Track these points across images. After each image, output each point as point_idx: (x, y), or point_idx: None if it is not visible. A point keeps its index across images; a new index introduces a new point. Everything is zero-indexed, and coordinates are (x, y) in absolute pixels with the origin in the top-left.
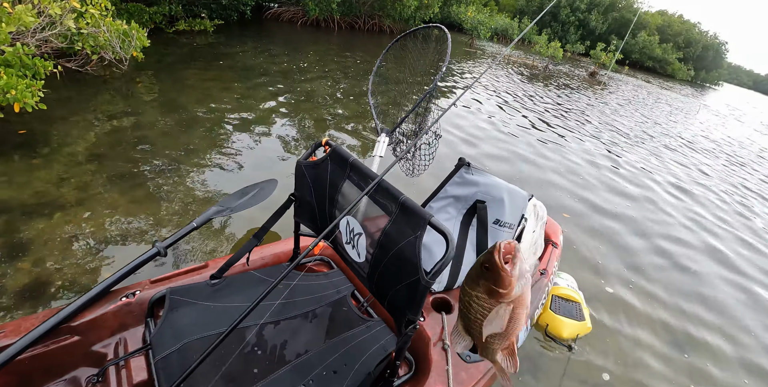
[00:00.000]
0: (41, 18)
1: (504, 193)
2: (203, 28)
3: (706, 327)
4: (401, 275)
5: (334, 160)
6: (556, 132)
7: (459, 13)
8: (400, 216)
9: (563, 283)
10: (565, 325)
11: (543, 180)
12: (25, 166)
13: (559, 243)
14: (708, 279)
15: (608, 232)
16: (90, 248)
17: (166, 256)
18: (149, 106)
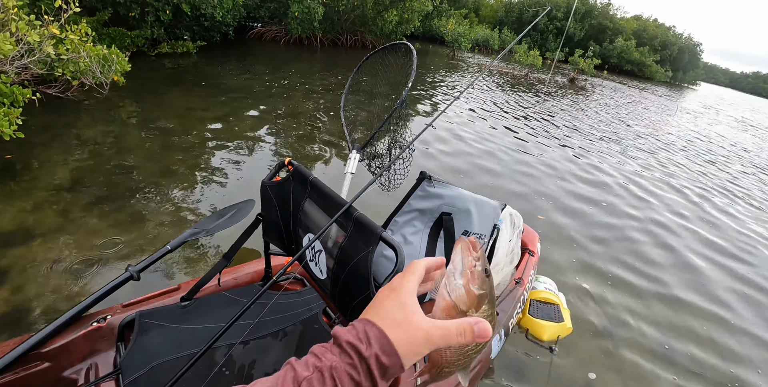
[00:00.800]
0: (20, 45)
1: (470, 204)
2: (186, 49)
3: (692, 314)
4: (358, 290)
5: (296, 179)
6: (534, 137)
7: (440, 26)
8: (354, 232)
9: (542, 286)
10: (545, 328)
11: (519, 186)
12: (4, 193)
13: (536, 251)
14: (673, 267)
15: (581, 226)
16: (70, 274)
17: (139, 280)
18: (130, 129)
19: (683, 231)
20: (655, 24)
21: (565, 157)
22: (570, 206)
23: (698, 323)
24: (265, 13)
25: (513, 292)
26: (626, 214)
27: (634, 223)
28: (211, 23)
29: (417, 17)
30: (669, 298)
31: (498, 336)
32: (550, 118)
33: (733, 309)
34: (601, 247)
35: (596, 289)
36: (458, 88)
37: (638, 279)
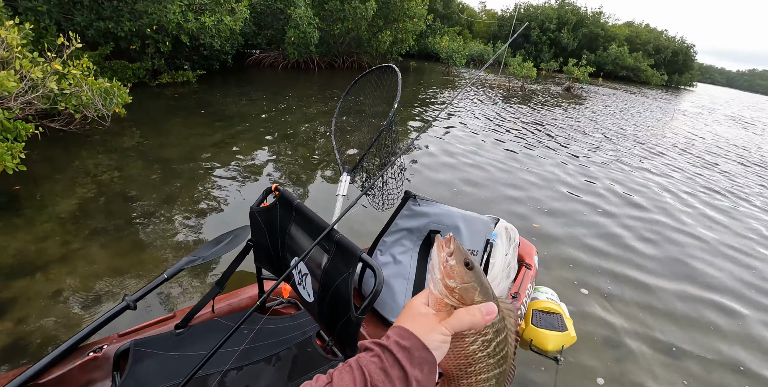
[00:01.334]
0: (24, 82)
1: (459, 221)
2: (186, 79)
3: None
4: (341, 311)
5: (283, 205)
6: (527, 148)
7: (434, 44)
8: (337, 254)
9: (543, 296)
10: (549, 338)
11: (523, 196)
12: (8, 226)
13: (533, 264)
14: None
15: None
16: (72, 304)
17: (135, 309)
18: (132, 159)
19: (677, 233)
20: (648, 29)
21: (556, 164)
22: (573, 216)
23: (707, 325)
24: (262, 40)
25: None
26: (625, 219)
27: (630, 232)
28: (210, 52)
29: (411, 37)
30: (675, 300)
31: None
32: (543, 127)
33: (735, 307)
34: (600, 256)
35: (598, 297)
36: (453, 103)
37: (640, 285)
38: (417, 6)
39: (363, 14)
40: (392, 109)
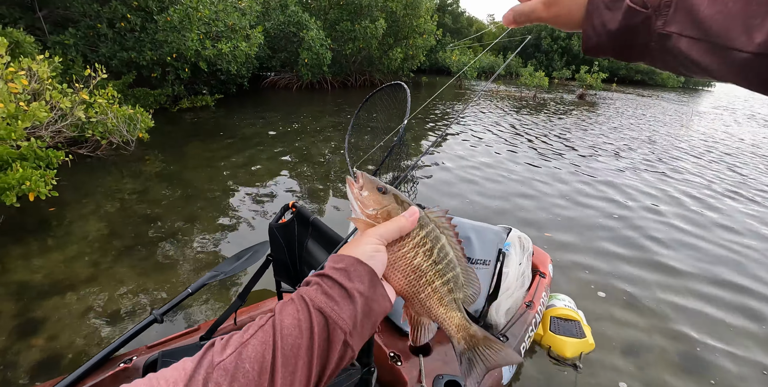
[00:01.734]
0: (54, 112)
1: (469, 232)
2: (205, 103)
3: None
4: None
5: (299, 220)
6: (543, 159)
7: (445, 59)
8: None
9: (560, 303)
10: (567, 344)
11: (540, 207)
12: (42, 248)
13: (548, 272)
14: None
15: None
16: (100, 321)
17: (162, 322)
18: (155, 182)
19: (694, 238)
20: None
21: (570, 172)
22: (587, 222)
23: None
24: (276, 63)
25: (524, 315)
26: (641, 225)
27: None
28: (227, 77)
29: (422, 52)
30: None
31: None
32: (555, 136)
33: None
34: (617, 262)
35: (617, 303)
36: (465, 116)
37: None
38: (426, 23)
39: (373, 33)
40: (402, 124)
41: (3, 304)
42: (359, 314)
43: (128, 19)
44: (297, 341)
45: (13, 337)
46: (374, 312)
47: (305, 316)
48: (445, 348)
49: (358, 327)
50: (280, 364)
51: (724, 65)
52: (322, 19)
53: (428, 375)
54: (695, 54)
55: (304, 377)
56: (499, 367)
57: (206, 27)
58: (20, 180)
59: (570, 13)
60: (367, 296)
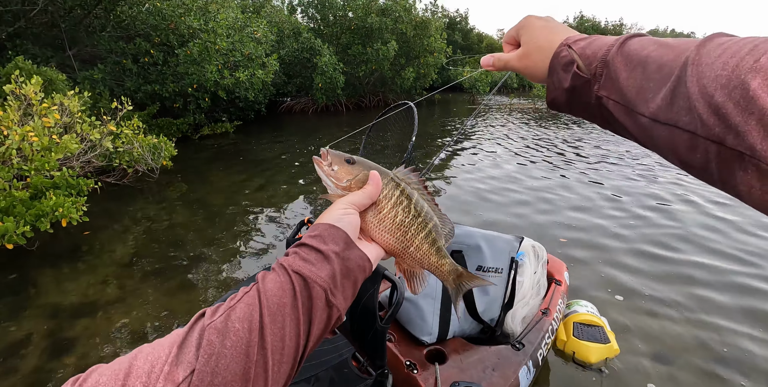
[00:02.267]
0: (84, 143)
1: (480, 241)
2: (225, 130)
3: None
4: (369, 324)
5: None
6: (561, 167)
7: (457, 75)
8: None
9: (583, 309)
10: (592, 350)
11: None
12: (74, 272)
13: (563, 280)
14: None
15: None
16: (128, 339)
17: None
18: (178, 207)
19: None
20: (673, 35)
21: (588, 181)
22: (602, 230)
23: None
24: (292, 88)
25: (540, 322)
26: (666, 231)
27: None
28: (245, 104)
29: (433, 70)
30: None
31: (526, 367)
32: (569, 146)
33: None
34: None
35: (640, 309)
36: (480, 130)
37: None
38: (436, 41)
39: (385, 55)
40: (411, 141)
41: (37, 324)
42: (338, 273)
43: (151, 54)
44: (282, 300)
45: (46, 356)
46: (352, 271)
47: (286, 279)
48: (460, 356)
49: (339, 285)
50: (269, 321)
51: (635, 127)
52: (335, 44)
53: (444, 382)
54: (618, 115)
55: (294, 334)
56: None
57: (224, 58)
58: (53, 207)
59: (536, 67)
60: (342, 256)
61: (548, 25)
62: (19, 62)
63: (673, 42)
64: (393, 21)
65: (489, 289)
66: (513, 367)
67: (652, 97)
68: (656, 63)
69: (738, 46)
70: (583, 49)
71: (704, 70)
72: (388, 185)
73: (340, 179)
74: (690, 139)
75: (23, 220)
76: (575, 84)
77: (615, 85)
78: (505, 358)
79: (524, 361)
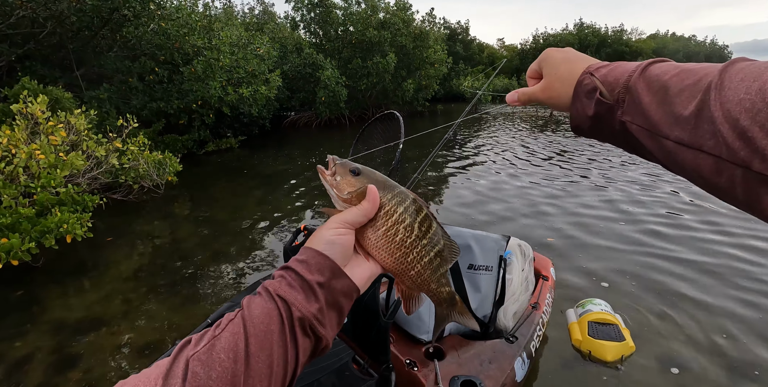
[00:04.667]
0: (89, 160)
1: (469, 240)
2: (229, 145)
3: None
4: (371, 322)
5: None
6: (558, 173)
7: (458, 85)
8: None
9: (597, 308)
10: (607, 348)
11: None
12: (78, 287)
13: (550, 275)
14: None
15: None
16: (132, 354)
17: None
18: (184, 222)
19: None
20: (674, 38)
21: (591, 188)
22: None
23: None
24: (296, 103)
25: (530, 317)
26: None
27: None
28: (249, 119)
29: (435, 82)
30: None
31: (521, 359)
32: (568, 153)
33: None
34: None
35: (655, 306)
36: (485, 137)
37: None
38: (436, 53)
39: (385, 67)
40: (398, 150)
41: (43, 340)
42: (323, 304)
43: (156, 73)
44: (269, 327)
45: (52, 371)
46: (339, 301)
47: (273, 306)
48: (458, 352)
49: (325, 316)
50: (255, 349)
51: (660, 151)
52: (337, 59)
53: (444, 377)
54: (642, 139)
55: (282, 360)
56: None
57: (228, 75)
58: (58, 223)
59: (560, 97)
60: (327, 287)
61: (567, 56)
62: (25, 83)
63: (694, 67)
64: (392, 34)
65: (481, 286)
66: (508, 360)
67: (676, 121)
68: (678, 87)
69: (760, 69)
70: (605, 76)
71: (727, 94)
72: (392, 201)
73: (342, 191)
74: (715, 163)
75: (28, 237)
76: (599, 110)
77: (638, 109)
78: (500, 351)
79: (518, 353)
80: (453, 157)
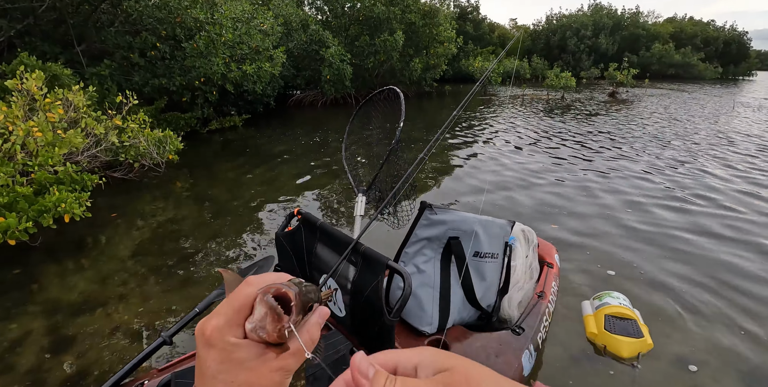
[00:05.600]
0: (89, 138)
1: (476, 226)
2: (233, 124)
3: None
4: (374, 320)
5: (306, 227)
6: (574, 160)
7: (467, 66)
8: (364, 265)
9: (615, 301)
10: (624, 344)
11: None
12: (76, 267)
13: (555, 263)
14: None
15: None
16: (127, 339)
17: (171, 344)
18: (184, 201)
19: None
20: (692, 22)
21: (598, 174)
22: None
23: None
24: (301, 81)
25: (537, 306)
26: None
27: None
28: (253, 97)
29: (443, 62)
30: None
31: (528, 352)
32: (587, 139)
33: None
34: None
35: (667, 298)
36: (493, 120)
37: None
38: (445, 31)
39: (393, 45)
40: (398, 128)
41: (37, 321)
42: None
43: (158, 48)
44: None
45: (45, 354)
46: None
47: None
48: (462, 344)
49: None
50: None
51: None
52: (343, 36)
53: None
54: None
55: None
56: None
57: (231, 50)
58: (56, 202)
59: None
60: None
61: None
62: (24, 58)
63: None
64: (401, 10)
65: (486, 275)
66: (515, 353)
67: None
68: None
69: None
70: None
71: None
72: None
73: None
74: None
75: (25, 216)
76: None
77: None
78: (507, 343)
79: (526, 345)
80: (456, 139)
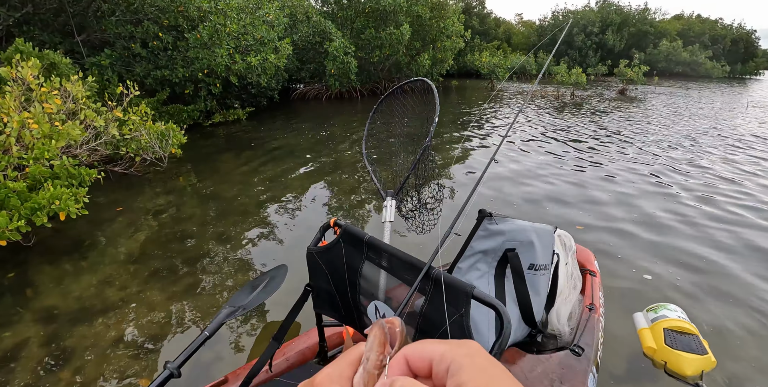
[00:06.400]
0: (88, 131)
1: (532, 235)
2: (237, 117)
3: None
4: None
5: (348, 241)
6: (594, 160)
7: (474, 61)
8: (436, 294)
9: (673, 314)
10: (687, 361)
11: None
12: (74, 270)
13: (596, 270)
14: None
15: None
16: (129, 352)
17: (180, 376)
18: (187, 198)
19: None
20: (699, 20)
21: (622, 174)
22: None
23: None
24: (305, 74)
25: (590, 321)
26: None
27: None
28: (257, 90)
29: (450, 56)
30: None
31: (592, 375)
32: (604, 137)
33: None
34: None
35: (717, 309)
36: (502, 118)
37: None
38: (453, 24)
39: (399, 39)
40: (432, 124)
41: (32, 330)
42: None
43: (160, 38)
44: None
45: (41, 369)
46: None
47: None
48: (520, 368)
49: None
50: None
51: None
52: (349, 29)
53: None
54: None
55: None
56: None
57: (235, 42)
58: (51, 199)
59: None
60: None
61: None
62: (19, 45)
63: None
64: (408, 2)
65: (540, 289)
66: (580, 377)
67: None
68: None
69: None
70: None
71: None
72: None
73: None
74: None
75: (17, 214)
76: None
77: None
78: (569, 366)
79: (588, 367)
80: (472, 135)
